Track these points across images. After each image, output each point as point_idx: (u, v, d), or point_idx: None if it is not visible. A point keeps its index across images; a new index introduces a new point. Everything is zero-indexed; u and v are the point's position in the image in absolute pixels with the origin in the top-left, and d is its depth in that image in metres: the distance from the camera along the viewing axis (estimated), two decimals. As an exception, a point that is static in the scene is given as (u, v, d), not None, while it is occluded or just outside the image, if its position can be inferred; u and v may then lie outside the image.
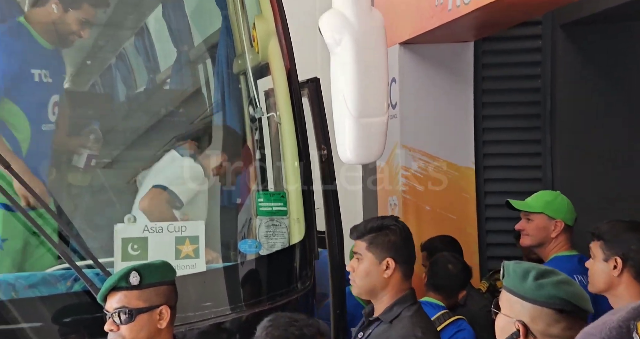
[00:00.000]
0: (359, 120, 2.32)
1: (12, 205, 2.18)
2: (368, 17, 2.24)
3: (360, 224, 2.37)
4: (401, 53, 3.81)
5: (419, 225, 3.78)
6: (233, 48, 3.09)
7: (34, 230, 2.25)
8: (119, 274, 2.02)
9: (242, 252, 2.73)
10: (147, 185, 2.88)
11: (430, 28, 3.44)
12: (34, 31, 2.68)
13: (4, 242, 2.45)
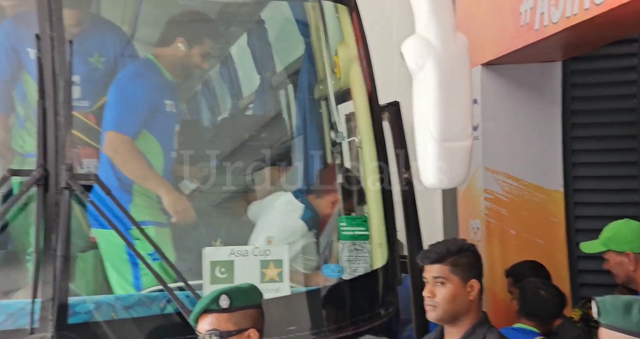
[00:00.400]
0: (441, 144, 2.30)
1: (111, 225, 2.29)
2: (452, 41, 2.24)
3: (435, 248, 2.35)
4: (483, 74, 3.76)
5: (504, 250, 3.67)
6: (315, 74, 3.15)
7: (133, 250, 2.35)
8: (210, 297, 2.08)
9: (325, 276, 2.75)
10: (262, 230, 2.95)
11: (515, 48, 3.37)
12: (162, 66, 2.90)
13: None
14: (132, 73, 2.97)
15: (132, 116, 2.79)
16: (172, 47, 2.91)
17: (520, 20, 3.29)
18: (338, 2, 2.79)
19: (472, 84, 2.30)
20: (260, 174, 3.34)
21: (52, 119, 2.21)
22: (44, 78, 2.21)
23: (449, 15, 2.23)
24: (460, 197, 4.03)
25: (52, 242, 2.14)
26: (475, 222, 3.82)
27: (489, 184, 3.74)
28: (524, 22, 3.25)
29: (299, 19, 3.15)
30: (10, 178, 2.20)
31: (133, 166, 2.75)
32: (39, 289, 2.09)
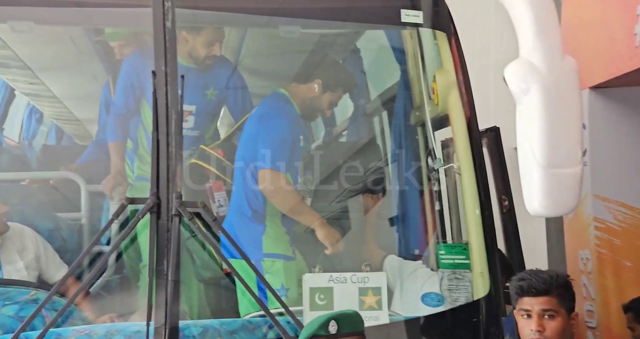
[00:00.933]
0: (548, 170, 2.22)
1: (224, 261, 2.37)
2: (559, 64, 2.17)
3: (538, 278, 2.26)
4: (591, 98, 3.62)
5: (618, 282, 3.46)
6: (411, 100, 3.15)
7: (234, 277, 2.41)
8: (319, 322, 2.09)
9: (425, 305, 2.70)
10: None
11: (629, 70, 3.23)
12: (294, 102, 3.09)
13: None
14: (275, 109, 3.08)
15: (283, 153, 2.92)
16: (308, 87, 3.07)
17: (635, 41, 3.15)
18: (436, 29, 2.78)
19: (581, 108, 2.22)
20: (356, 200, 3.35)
21: (164, 149, 2.32)
22: (158, 111, 2.33)
23: (555, 38, 2.17)
24: (567, 225, 3.85)
25: (163, 268, 2.23)
26: (585, 253, 3.64)
27: (599, 212, 3.56)
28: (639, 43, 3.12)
29: (396, 46, 3.17)
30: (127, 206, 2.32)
31: (289, 202, 2.89)
32: (152, 312, 2.18)
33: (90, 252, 2.48)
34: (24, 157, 4.27)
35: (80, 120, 4.75)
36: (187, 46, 3.08)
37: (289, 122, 3.00)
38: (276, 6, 2.65)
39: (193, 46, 3.08)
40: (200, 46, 3.08)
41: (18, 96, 4.64)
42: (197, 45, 3.08)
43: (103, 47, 3.58)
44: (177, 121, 2.33)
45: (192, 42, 3.08)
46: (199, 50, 3.09)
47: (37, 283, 2.76)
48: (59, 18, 2.72)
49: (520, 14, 2.19)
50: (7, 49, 3.66)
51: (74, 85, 4.41)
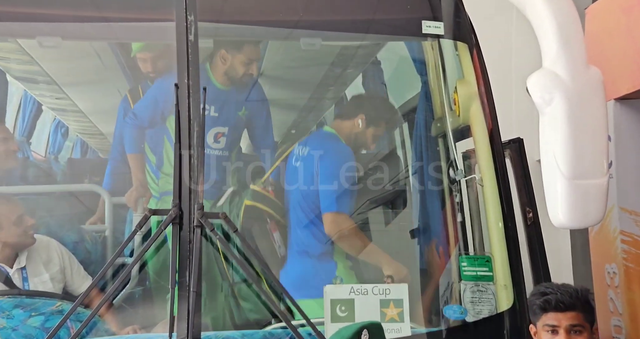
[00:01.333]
0: (573, 182, 2.20)
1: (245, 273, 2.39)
2: (584, 75, 2.16)
3: (565, 293, 2.23)
4: (617, 109, 3.57)
5: (647, 297, 3.38)
6: (432, 111, 3.14)
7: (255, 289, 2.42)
8: (351, 331, 2.09)
9: (447, 317, 2.67)
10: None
11: (655, 82, 3.19)
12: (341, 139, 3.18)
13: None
14: (333, 150, 3.16)
15: (346, 195, 3.01)
16: (352, 123, 3.17)
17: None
18: (458, 40, 2.78)
19: (607, 118, 2.19)
20: (377, 212, 3.34)
21: (186, 161, 2.34)
22: (181, 123, 2.36)
23: (579, 48, 2.15)
24: (593, 238, 3.78)
25: (185, 279, 2.24)
26: (612, 267, 3.57)
27: (626, 225, 3.49)
28: (667, 53, 3.07)
29: (417, 57, 3.17)
30: (150, 217, 2.34)
31: (358, 243, 2.98)
32: (174, 324, 2.19)
33: (114, 263, 2.51)
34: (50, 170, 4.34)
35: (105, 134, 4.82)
36: (225, 65, 3.11)
37: (345, 164, 3.04)
38: (297, 19, 2.67)
39: (231, 64, 3.13)
40: (239, 64, 3.13)
41: (45, 110, 4.73)
42: (235, 63, 3.12)
43: (127, 61, 3.65)
44: (199, 133, 2.35)
45: (230, 61, 3.12)
46: (237, 68, 3.13)
47: (62, 294, 2.79)
48: (84, 33, 2.78)
49: (543, 24, 2.18)
50: (35, 64, 3.74)
51: (99, 99, 4.49)
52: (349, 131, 3.18)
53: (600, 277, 3.66)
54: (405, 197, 3.41)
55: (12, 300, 2.58)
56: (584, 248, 3.96)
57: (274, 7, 2.65)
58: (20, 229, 2.77)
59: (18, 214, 2.77)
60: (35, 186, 3.45)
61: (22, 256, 2.79)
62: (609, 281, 3.55)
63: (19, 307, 2.55)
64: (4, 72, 3.95)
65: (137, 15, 2.61)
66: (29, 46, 3.41)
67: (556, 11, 2.18)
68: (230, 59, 3.14)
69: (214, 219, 2.35)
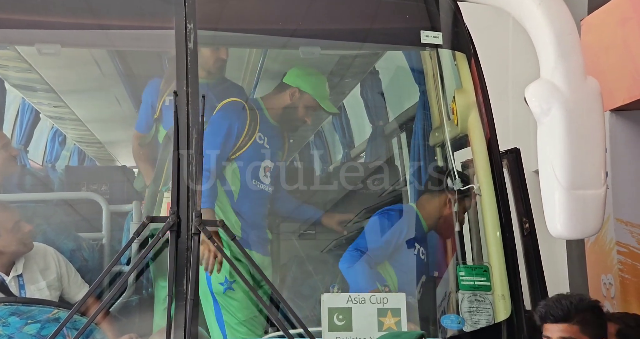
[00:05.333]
0: (571, 192, 2.20)
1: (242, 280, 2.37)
2: (582, 86, 2.17)
3: (557, 304, 2.22)
4: (612, 120, 3.59)
5: (644, 308, 3.38)
6: (430, 121, 3.15)
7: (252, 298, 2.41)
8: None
9: (444, 327, 2.66)
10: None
11: (650, 93, 3.21)
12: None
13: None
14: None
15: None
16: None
17: (657, 62, 3.14)
18: (456, 50, 2.80)
19: (604, 129, 2.20)
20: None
21: (185, 168, 2.34)
22: (179, 130, 2.36)
23: (577, 59, 2.17)
24: (589, 249, 3.79)
25: (183, 287, 2.23)
26: (608, 278, 3.57)
27: (622, 236, 3.50)
28: (662, 64, 3.10)
29: (415, 67, 3.19)
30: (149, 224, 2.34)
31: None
32: (171, 332, 2.18)
33: (111, 271, 2.49)
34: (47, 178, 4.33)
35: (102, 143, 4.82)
36: (291, 101, 3.13)
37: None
38: (296, 27, 2.68)
39: (296, 105, 3.14)
40: (304, 108, 3.16)
41: (43, 118, 4.73)
42: (301, 106, 3.14)
43: (126, 69, 3.65)
44: (197, 140, 2.35)
45: (298, 101, 3.14)
46: (300, 111, 3.16)
47: (59, 302, 2.78)
48: (84, 41, 2.79)
49: (541, 35, 2.19)
50: (33, 72, 3.75)
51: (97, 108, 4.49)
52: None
53: (596, 288, 3.67)
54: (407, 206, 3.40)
55: (8, 308, 2.56)
56: (580, 259, 3.97)
57: (273, 16, 2.67)
58: (17, 236, 2.76)
59: (15, 221, 2.76)
60: (33, 194, 3.44)
61: (19, 263, 2.78)
62: (605, 292, 3.55)
63: (15, 314, 2.53)
64: (2, 80, 3.95)
65: (136, 23, 2.61)
66: (28, 53, 3.42)
67: (554, 22, 2.19)
68: (298, 100, 3.15)
69: (212, 226, 2.34)
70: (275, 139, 3.17)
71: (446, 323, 2.67)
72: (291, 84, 3.16)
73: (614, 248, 3.54)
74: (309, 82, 3.17)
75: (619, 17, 3.57)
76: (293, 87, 3.14)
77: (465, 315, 2.65)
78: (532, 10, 2.20)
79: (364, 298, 2.58)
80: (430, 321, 2.85)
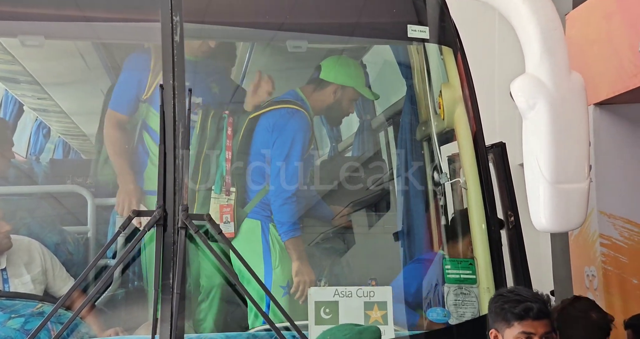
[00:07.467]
0: (555, 186, 2.23)
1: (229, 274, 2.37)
2: (566, 80, 2.19)
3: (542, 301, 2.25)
4: (596, 114, 3.63)
5: (624, 300, 3.43)
6: (417, 115, 3.16)
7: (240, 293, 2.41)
8: None
9: (430, 320, 2.68)
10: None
11: (633, 87, 3.25)
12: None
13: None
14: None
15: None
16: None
17: (639, 58, 3.17)
18: (443, 44, 2.80)
19: (588, 123, 2.23)
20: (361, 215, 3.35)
21: (171, 162, 2.33)
22: (166, 124, 2.35)
23: (562, 54, 2.19)
24: (573, 241, 3.84)
25: (169, 280, 2.23)
26: (591, 269, 3.62)
27: (605, 229, 3.55)
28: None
29: (402, 61, 3.19)
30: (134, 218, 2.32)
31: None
32: (157, 326, 2.17)
33: (97, 265, 2.48)
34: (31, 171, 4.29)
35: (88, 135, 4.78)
36: (333, 98, 3.11)
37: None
38: (283, 21, 2.67)
39: (339, 100, 3.13)
40: (347, 101, 3.15)
41: (26, 111, 4.68)
42: (344, 100, 3.14)
43: (111, 61, 3.62)
44: (184, 134, 2.34)
45: (340, 97, 3.12)
46: (343, 104, 3.16)
47: (43, 296, 2.76)
48: (68, 32, 2.76)
49: (526, 30, 2.20)
50: (17, 64, 3.70)
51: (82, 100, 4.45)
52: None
53: (579, 280, 3.72)
54: (389, 200, 3.42)
55: (-8, 302, 2.54)
56: (564, 251, 4.02)
57: (260, 9, 2.65)
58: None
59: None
60: (17, 187, 3.41)
61: (2, 257, 2.75)
62: (588, 284, 3.60)
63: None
64: (-15, 72, 3.91)
65: (122, 15, 2.59)
66: (11, 45, 3.38)
67: (539, 18, 2.21)
68: (341, 96, 3.12)
69: (199, 220, 2.34)
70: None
71: (432, 316, 2.69)
72: (331, 80, 3.11)
73: (597, 241, 3.59)
74: (348, 74, 3.13)
75: (604, 12, 3.60)
76: (333, 84, 3.11)
77: (451, 308, 2.67)
78: (517, 5, 2.22)
79: (351, 291, 2.59)
80: (417, 314, 2.87)
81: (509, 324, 2.24)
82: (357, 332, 2.18)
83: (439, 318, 2.68)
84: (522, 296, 2.27)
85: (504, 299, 2.28)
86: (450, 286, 2.70)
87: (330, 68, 3.13)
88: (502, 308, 2.26)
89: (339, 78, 3.11)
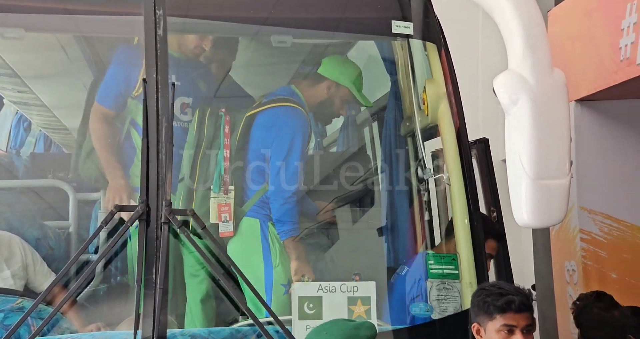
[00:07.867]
0: (537, 182, 2.25)
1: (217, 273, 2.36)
2: (549, 77, 2.21)
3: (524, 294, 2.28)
4: (577, 110, 3.66)
5: (604, 295, 3.47)
6: (401, 111, 3.17)
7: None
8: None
9: (413, 315, 2.70)
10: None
11: (614, 84, 3.28)
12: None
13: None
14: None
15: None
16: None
17: (619, 55, 3.20)
18: (427, 40, 2.81)
19: (569, 120, 2.25)
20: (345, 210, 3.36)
21: (154, 157, 2.32)
22: (149, 118, 2.33)
23: (545, 51, 2.20)
24: (554, 236, 3.88)
25: (152, 276, 2.22)
26: (571, 264, 3.66)
27: (585, 224, 3.58)
28: (624, 56, 3.16)
29: (386, 57, 3.19)
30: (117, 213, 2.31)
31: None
32: (140, 321, 2.16)
33: (78, 260, 2.46)
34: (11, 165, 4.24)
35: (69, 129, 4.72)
36: (327, 95, 3.10)
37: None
38: (268, 16, 2.66)
39: (331, 98, 3.12)
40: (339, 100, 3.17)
41: (6, 104, 4.61)
42: (336, 98, 3.13)
43: (93, 55, 3.58)
44: (167, 128, 2.33)
45: (334, 94, 3.11)
46: (335, 103, 3.15)
47: (23, 291, 2.73)
48: (49, 25, 2.72)
49: (509, 27, 2.22)
50: (-3, 57, 3.65)
51: (63, 93, 4.39)
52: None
53: (560, 274, 3.76)
54: (373, 196, 3.43)
55: (-29, 297, 2.51)
56: (546, 246, 4.06)
57: (245, 4, 2.64)
58: None
59: None
60: (-4, 181, 3.37)
61: (-18, 252, 2.72)
62: (568, 278, 3.65)
63: (-23, 304, 2.49)
64: (-37, 65, 3.84)
65: (104, 8, 2.56)
66: (-10, 38, 3.32)
67: (522, 15, 2.22)
68: (334, 93, 3.11)
69: (182, 215, 2.33)
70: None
71: (415, 310, 2.71)
72: (328, 76, 3.11)
73: (578, 236, 3.63)
74: (346, 73, 3.13)
75: (585, 9, 3.63)
76: (329, 80, 3.11)
77: (433, 303, 2.69)
78: (500, 2, 2.23)
79: (334, 286, 2.60)
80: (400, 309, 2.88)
81: (491, 317, 2.25)
82: (352, 327, 2.18)
83: (422, 312, 2.70)
84: (504, 290, 2.29)
85: (487, 292, 2.30)
86: (433, 281, 2.72)
87: (330, 65, 3.13)
88: (485, 301, 2.28)
89: (334, 75, 3.11)
